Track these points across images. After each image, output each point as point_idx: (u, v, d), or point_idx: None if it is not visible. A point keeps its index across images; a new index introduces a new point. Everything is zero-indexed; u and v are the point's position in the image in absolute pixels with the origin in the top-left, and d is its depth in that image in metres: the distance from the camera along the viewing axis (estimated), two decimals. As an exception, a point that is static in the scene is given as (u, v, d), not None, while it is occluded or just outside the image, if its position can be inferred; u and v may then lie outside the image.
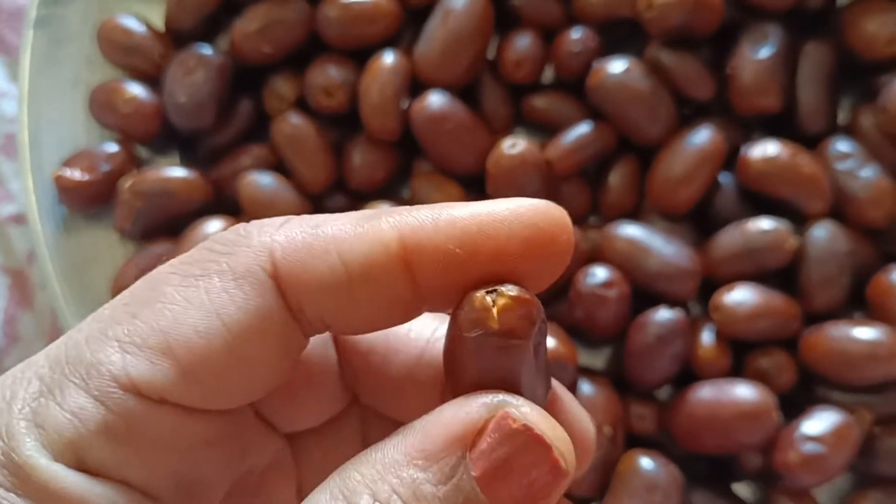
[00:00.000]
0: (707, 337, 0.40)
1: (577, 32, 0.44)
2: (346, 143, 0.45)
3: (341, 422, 0.22)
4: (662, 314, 0.40)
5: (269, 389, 0.19)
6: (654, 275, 0.40)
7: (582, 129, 0.43)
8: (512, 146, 0.41)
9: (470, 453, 0.16)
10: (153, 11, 0.47)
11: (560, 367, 0.39)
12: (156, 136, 0.46)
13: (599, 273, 0.40)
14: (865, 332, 0.38)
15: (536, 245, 0.18)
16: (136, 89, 0.45)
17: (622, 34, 0.45)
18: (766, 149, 0.41)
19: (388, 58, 0.43)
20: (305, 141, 0.44)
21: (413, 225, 0.18)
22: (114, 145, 0.45)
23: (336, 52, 0.45)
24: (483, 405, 0.16)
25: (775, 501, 0.39)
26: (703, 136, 0.42)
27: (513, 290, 0.17)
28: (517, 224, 0.18)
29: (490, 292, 0.17)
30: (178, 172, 0.44)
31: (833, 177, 0.41)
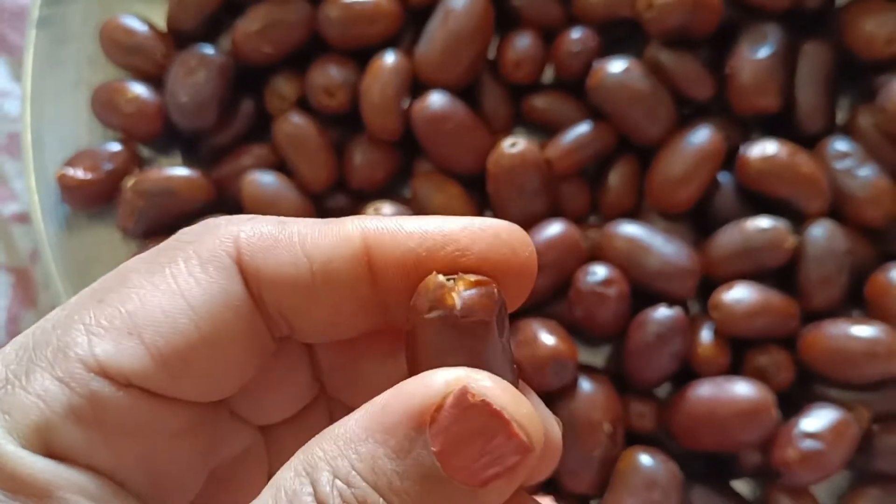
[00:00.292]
0: (706, 335, 0.41)
1: (577, 32, 0.44)
2: (347, 142, 0.45)
3: (311, 410, 0.22)
4: (662, 312, 0.40)
5: (238, 383, 0.19)
6: (654, 273, 0.41)
7: (582, 129, 0.43)
8: (512, 146, 0.42)
9: (430, 428, 0.16)
10: (155, 11, 0.47)
11: (560, 364, 0.39)
12: (158, 136, 0.46)
13: (599, 271, 0.40)
14: (863, 331, 0.39)
15: (497, 250, 0.18)
16: (139, 89, 0.45)
17: (622, 34, 0.45)
18: (765, 148, 0.41)
19: (389, 58, 0.43)
20: (307, 141, 0.44)
21: (377, 227, 0.18)
22: (116, 145, 0.45)
23: (337, 52, 0.45)
24: (443, 380, 0.16)
25: (774, 498, 0.39)
26: (702, 135, 0.42)
27: (472, 276, 0.17)
28: (479, 232, 0.18)
29: (449, 279, 0.17)
30: (180, 172, 0.44)
31: (832, 176, 0.41)
